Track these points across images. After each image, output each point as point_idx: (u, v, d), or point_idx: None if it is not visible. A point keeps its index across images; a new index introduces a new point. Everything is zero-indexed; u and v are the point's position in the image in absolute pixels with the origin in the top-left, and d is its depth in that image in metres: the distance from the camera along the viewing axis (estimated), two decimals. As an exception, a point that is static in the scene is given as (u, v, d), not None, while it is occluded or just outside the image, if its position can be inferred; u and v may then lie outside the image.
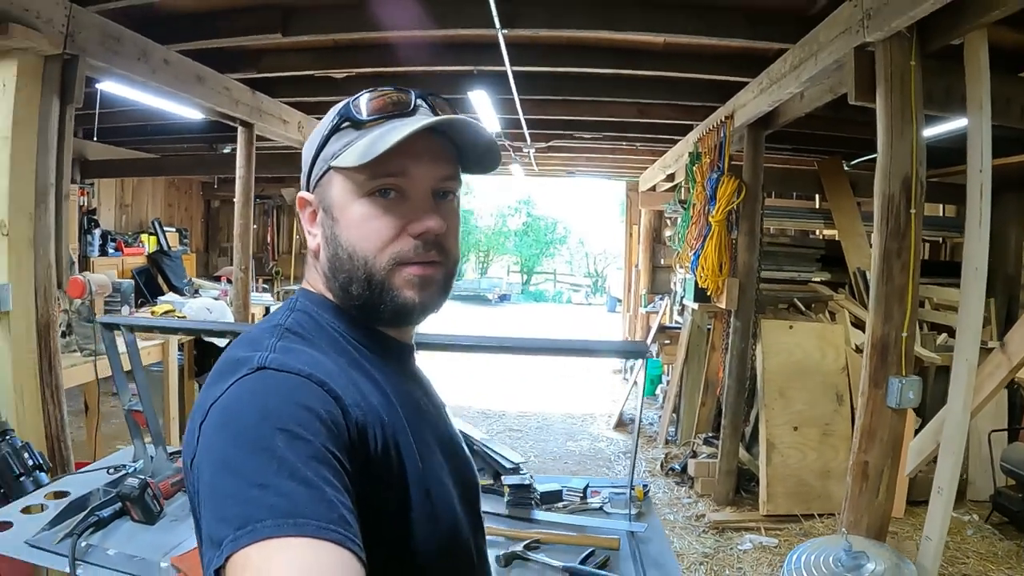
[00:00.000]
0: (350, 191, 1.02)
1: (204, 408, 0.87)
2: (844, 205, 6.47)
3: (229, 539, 0.71)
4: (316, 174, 1.05)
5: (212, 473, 0.79)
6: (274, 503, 0.73)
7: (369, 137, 1.00)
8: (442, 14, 4.06)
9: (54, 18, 3.50)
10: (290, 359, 0.90)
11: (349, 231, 1.02)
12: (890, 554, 2.89)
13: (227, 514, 0.74)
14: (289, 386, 0.86)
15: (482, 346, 2.76)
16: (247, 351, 0.93)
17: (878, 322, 3.12)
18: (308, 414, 0.83)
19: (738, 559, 4.57)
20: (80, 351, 4.91)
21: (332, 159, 1.03)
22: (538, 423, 8.00)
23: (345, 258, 1.02)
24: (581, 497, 2.63)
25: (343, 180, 1.02)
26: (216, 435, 0.82)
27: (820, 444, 5.19)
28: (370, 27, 4.18)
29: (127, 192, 10.58)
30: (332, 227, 1.03)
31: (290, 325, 1.01)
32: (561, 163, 10.87)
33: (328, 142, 1.04)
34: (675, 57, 4.80)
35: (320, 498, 0.75)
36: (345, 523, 0.75)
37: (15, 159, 3.46)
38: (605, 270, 29.26)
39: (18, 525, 2.33)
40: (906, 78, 2.98)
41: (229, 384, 0.87)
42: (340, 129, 1.03)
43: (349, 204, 1.02)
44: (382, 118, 1.02)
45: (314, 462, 0.78)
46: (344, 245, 1.02)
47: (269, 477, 0.75)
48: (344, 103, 1.04)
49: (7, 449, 2.95)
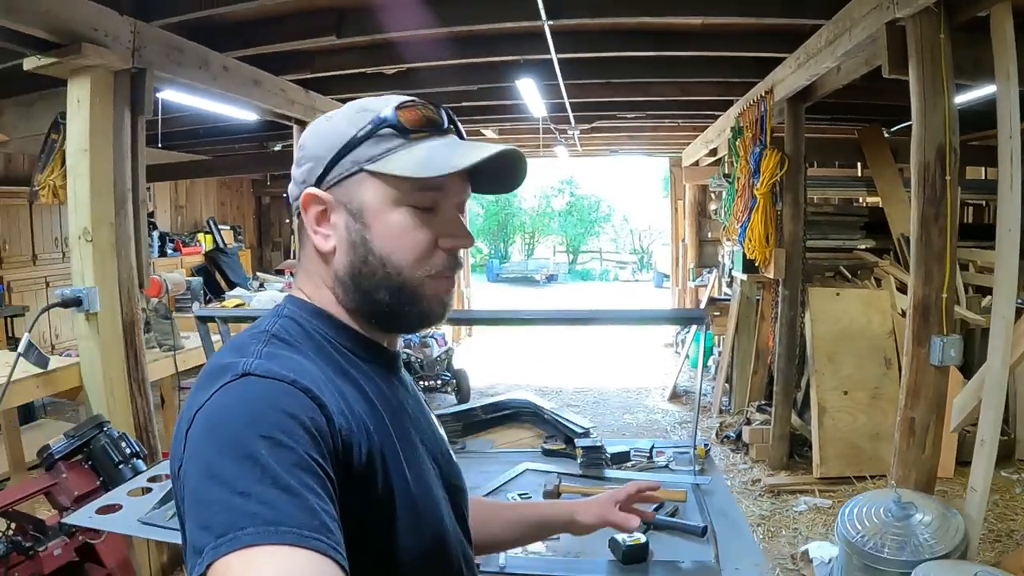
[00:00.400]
0: (389, 198, 1.00)
1: (189, 415, 0.86)
2: (886, 172, 6.53)
3: (210, 547, 0.71)
4: (339, 173, 1.02)
5: (196, 480, 0.78)
6: (256, 511, 0.73)
7: (421, 150, 1.00)
8: (490, 10, 4.25)
9: (120, 35, 3.72)
10: (275, 365, 0.89)
11: (384, 239, 1.01)
12: (937, 505, 3.06)
13: (209, 522, 0.73)
14: (273, 393, 0.86)
15: (544, 319, 2.99)
16: (232, 357, 0.92)
17: (919, 284, 3.28)
18: (292, 421, 0.82)
19: (793, 520, 4.74)
20: (159, 347, 5.14)
21: (368, 162, 1.00)
22: (595, 398, 8.19)
23: (377, 265, 1.01)
24: (647, 457, 2.87)
25: (381, 186, 1.00)
26: (200, 442, 0.82)
27: (869, 407, 5.32)
28: (421, 25, 4.38)
29: (181, 193, 10.97)
30: (361, 232, 1.01)
31: (276, 331, 0.99)
32: (604, 143, 10.99)
33: (362, 144, 1.01)
34: (713, 37, 4.93)
35: (303, 506, 0.75)
36: (327, 531, 0.75)
37: (94, 170, 3.66)
38: (650, 246, 29.23)
39: (127, 507, 2.56)
40: (936, 51, 3.12)
41: (214, 391, 0.86)
42: (379, 133, 1.01)
43: (386, 211, 1.01)
44: (426, 131, 1.02)
45: (297, 470, 0.78)
46: (376, 252, 1.01)
47: (252, 485, 0.75)
48: (376, 108, 1.03)
49: (105, 440, 3.12)
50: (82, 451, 3.10)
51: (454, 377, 7.86)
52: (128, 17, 3.76)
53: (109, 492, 2.81)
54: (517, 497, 2.53)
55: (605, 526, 1.50)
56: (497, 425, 3.51)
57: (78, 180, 3.67)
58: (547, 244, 32.26)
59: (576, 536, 1.55)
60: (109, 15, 3.64)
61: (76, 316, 3.78)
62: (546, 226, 31.63)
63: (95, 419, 3.25)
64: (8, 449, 5.22)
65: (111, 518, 2.53)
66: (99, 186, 3.70)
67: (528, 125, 8.43)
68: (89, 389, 3.85)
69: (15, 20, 3.12)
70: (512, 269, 26.70)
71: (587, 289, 24.43)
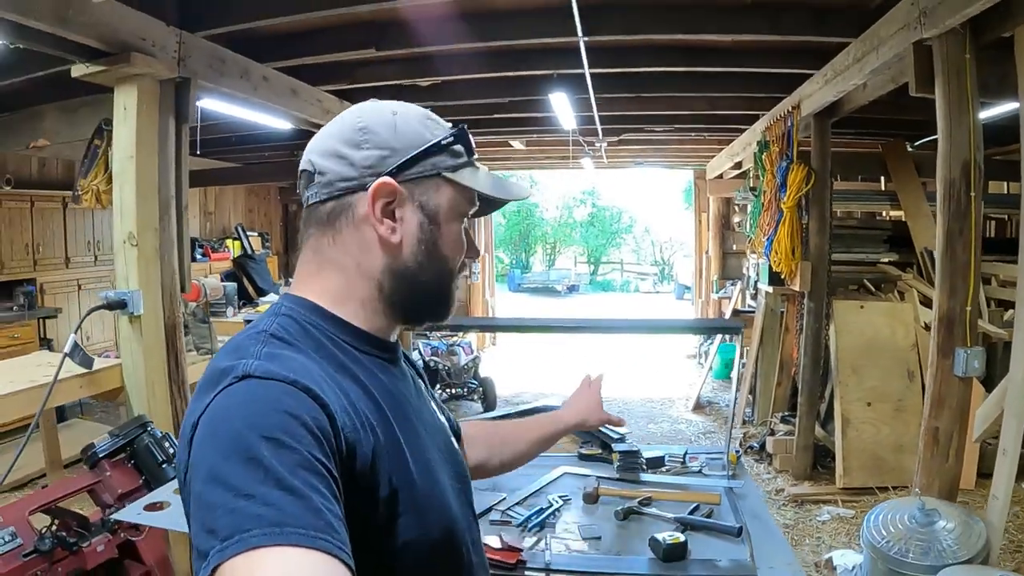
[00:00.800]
0: (455, 207, 1.08)
1: (192, 421, 0.87)
2: (909, 186, 6.59)
3: (216, 550, 0.72)
4: (417, 171, 1.05)
5: (200, 484, 0.79)
6: (261, 513, 0.73)
7: (485, 172, 1.13)
8: (530, 26, 4.37)
9: (167, 45, 3.83)
10: (275, 366, 0.90)
11: (448, 242, 1.08)
12: (960, 512, 3.13)
13: (214, 525, 0.74)
14: (274, 394, 0.86)
15: (580, 327, 3.09)
16: (232, 360, 0.92)
17: (944, 297, 3.36)
18: (294, 422, 0.83)
19: (817, 529, 4.81)
20: (196, 350, 5.22)
21: (448, 170, 1.07)
22: (619, 408, 8.22)
23: (439, 265, 1.08)
24: (681, 462, 2.98)
25: (454, 194, 1.08)
26: (203, 447, 0.82)
27: (893, 419, 5.38)
28: (460, 40, 4.51)
29: (210, 200, 11.11)
30: (432, 232, 1.06)
31: (275, 331, 0.99)
32: (630, 155, 11.05)
33: (442, 152, 1.07)
34: (742, 53, 5.02)
35: (307, 506, 0.75)
36: (332, 530, 0.75)
37: (140, 176, 3.74)
38: (671, 258, 29.23)
39: (175, 504, 2.63)
40: (962, 70, 3.21)
41: (214, 395, 0.87)
42: (453, 147, 1.08)
43: (453, 218, 1.08)
44: (476, 159, 1.13)
45: (301, 470, 0.78)
46: (442, 253, 1.08)
47: (255, 487, 0.75)
48: (438, 120, 1.12)
49: (149, 439, 3.16)
50: (125, 450, 3.14)
51: (480, 385, 7.95)
52: (174, 28, 3.86)
53: (154, 490, 2.88)
54: (559, 500, 2.65)
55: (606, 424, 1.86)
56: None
57: (124, 186, 3.75)
58: (568, 255, 32.27)
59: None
60: (156, 25, 3.74)
61: (120, 318, 3.85)
62: (568, 236, 31.66)
63: (139, 419, 3.30)
64: (46, 447, 5.36)
65: (160, 515, 2.61)
66: (144, 192, 3.78)
67: (555, 136, 8.51)
68: (131, 390, 3.91)
69: (67, 29, 3.20)
70: (533, 279, 26.76)
71: (608, 300, 24.50)
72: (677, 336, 12.20)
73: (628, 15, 4.24)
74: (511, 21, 4.37)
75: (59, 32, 3.20)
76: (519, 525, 2.47)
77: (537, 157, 11.04)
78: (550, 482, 2.87)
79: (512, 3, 4.27)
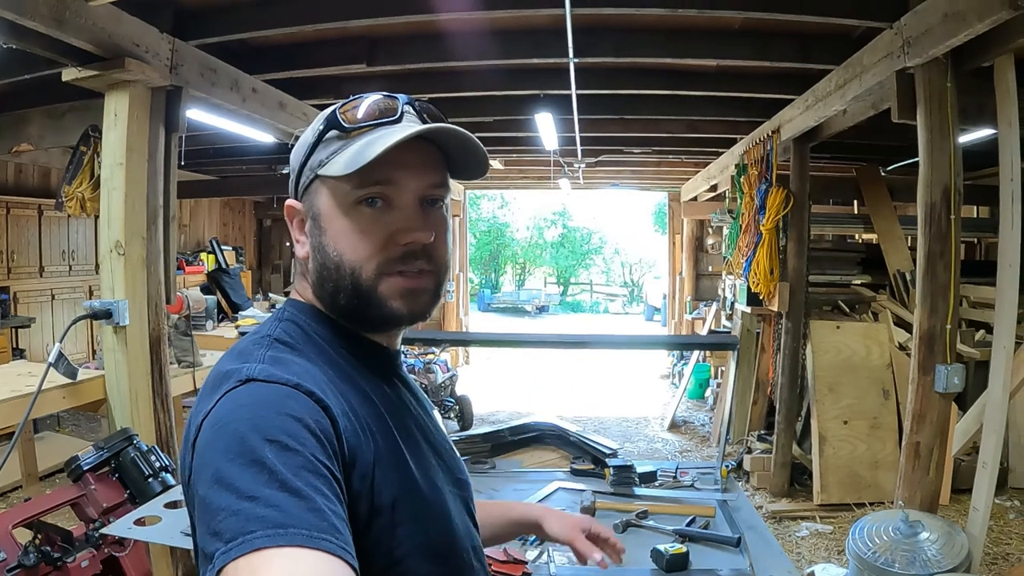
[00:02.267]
0: (337, 200, 1.01)
1: (196, 424, 0.87)
2: (883, 210, 6.74)
3: (220, 551, 0.72)
4: (303, 182, 1.04)
5: (204, 487, 0.79)
6: (264, 514, 0.73)
7: (355, 146, 0.99)
8: (522, 46, 4.43)
9: (160, 52, 3.77)
10: (278, 370, 0.90)
11: (336, 241, 1.01)
12: (942, 524, 3.22)
13: (219, 527, 0.74)
14: (277, 397, 0.86)
15: (573, 343, 3.14)
16: (235, 363, 0.92)
17: (925, 316, 3.47)
18: (297, 424, 0.83)
19: (796, 544, 4.88)
20: (178, 363, 5.20)
21: (319, 168, 1.02)
22: (595, 427, 8.23)
23: (332, 268, 1.02)
24: (673, 476, 3.04)
25: (329, 189, 1.02)
26: (207, 450, 0.82)
27: (869, 436, 5.48)
28: (450, 57, 4.55)
29: (185, 212, 10.98)
30: (319, 236, 1.03)
31: (278, 336, 1.00)
32: (607, 176, 11.16)
33: (315, 150, 1.03)
34: (725, 77, 5.14)
35: (310, 508, 0.75)
36: (336, 531, 0.75)
37: (128, 184, 3.66)
38: (641, 279, 29.47)
39: (166, 519, 2.61)
40: (943, 98, 3.33)
41: (218, 398, 0.87)
42: (326, 137, 1.03)
43: (336, 214, 1.01)
44: (368, 126, 1.01)
45: (304, 472, 0.78)
46: (332, 255, 1.02)
47: (259, 489, 0.75)
48: (331, 110, 1.04)
49: (135, 452, 3.08)
50: (110, 463, 3.08)
51: (457, 403, 7.94)
52: (167, 35, 3.82)
53: (144, 504, 2.84)
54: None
55: (567, 546, 1.49)
56: (524, 446, 3.67)
57: (112, 194, 3.68)
58: (538, 275, 32.40)
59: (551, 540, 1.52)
60: (151, 32, 3.68)
61: (104, 329, 3.78)
62: (538, 257, 31.80)
63: (124, 432, 3.23)
64: (23, 460, 5.27)
65: (153, 530, 2.58)
66: (133, 200, 3.72)
67: (534, 156, 8.59)
68: (114, 402, 3.83)
69: (64, 32, 3.14)
70: (503, 299, 26.80)
71: (578, 321, 24.60)
72: (651, 356, 12.30)
73: (620, 38, 4.33)
74: (502, 41, 4.42)
75: (55, 34, 3.14)
76: (521, 539, 2.50)
77: (514, 176, 11.09)
78: (545, 497, 2.92)
79: (504, 23, 4.32)
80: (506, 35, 4.41)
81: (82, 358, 7.11)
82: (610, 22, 4.31)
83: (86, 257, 8.28)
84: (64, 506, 3.02)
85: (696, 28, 4.28)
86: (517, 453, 3.62)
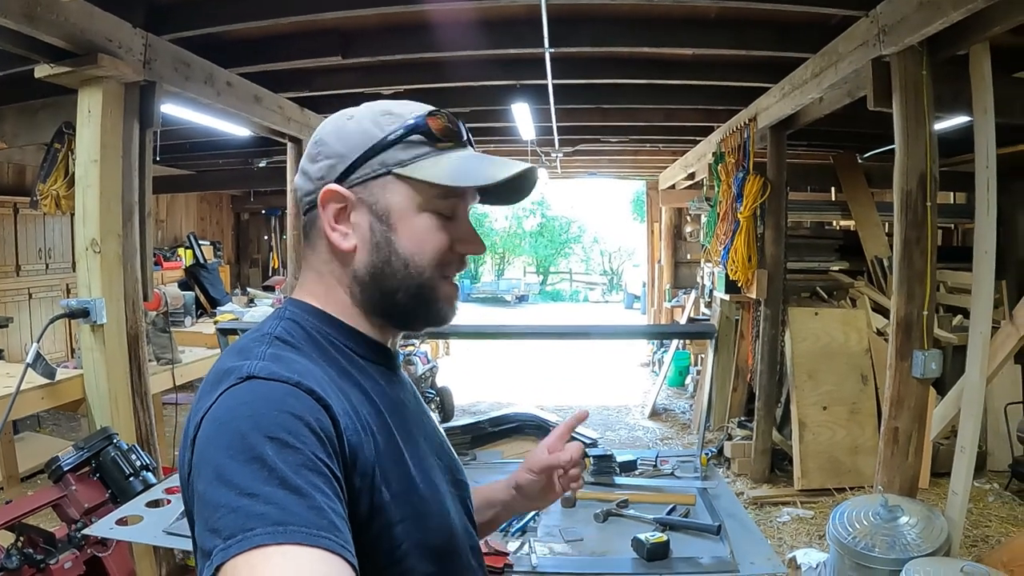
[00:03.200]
0: (415, 203, 1.03)
1: (196, 421, 0.87)
2: (860, 197, 6.80)
3: (219, 548, 0.72)
4: (365, 173, 1.03)
5: (204, 484, 0.79)
6: (264, 512, 0.73)
7: (451, 160, 1.03)
8: (498, 37, 4.41)
9: (134, 47, 3.74)
10: (279, 367, 0.90)
11: (409, 241, 1.03)
12: (921, 508, 3.26)
13: (218, 524, 0.74)
14: (278, 394, 0.86)
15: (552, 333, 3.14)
16: (236, 361, 0.92)
17: (902, 302, 3.50)
18: (297, 422, 0.83)
19: (778, 530, 4.93)
20: (157, 360, 5.12)
21: (398, 166, 1.02)
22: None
23: (400, 267, 1.03)
24: (653, 465, 3.05)
25: (409, 190, 1.02)
26: (207, 447, 0.82)
27: (848, 422, 5.54)
28: (426, 48, 4.54)
29: (162, 207, 10.88)
30: (386, 233, 1.03)
31: (279, 334, 1.00)
32: (584, 165, 11.18)
33: (392, 147, 1.02)
34: (702, 66, 5.13)
35: (310, 505, 0.75)
36: (335, 529, 0.75)
37: (104, 181, 3.64)
38: (620, 267, 29.54)
39: (148, 518, 2.61)
40: (919, 86, 3.35)
41: (218, 395, 0.87)
42: (408, 139, 1.03)
43: (412, 214, 1.03)
44: (451, 142, 1.05)
45: (304, 470, 0.78)
46: (401, 254, 1.03)
47: (259, 486, 0.75)
48: (402, 113, 1.05)
49: (115, 452, 3.12)
50: (90, 463, 3.10)
51: (438, 395, 7.93)
52: (140, 30, 3.79)
53: (125, 504, 2.83)
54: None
55: (551, 471, 1.36)
56: (504, 437, 3.67)
57: (87, 191, 3.66)
58: (517, 265, 32.39)
59: (529, 497, 1.41)
60: (123, 27, 3.66)
61: (82, 327, 3.74)
62: (517, 247, 31.75)
63: (104, 431, 3.25)
64: (3, 461, 5.23)
65: (135, 529, 2.57)
66: (108, 197, 3.70)
67: (511, 147, 8.57)
68: (92, 401, 3.79)
69: (36, 28, 3.10)
70: (483, 289, 26.79)
71: (559, 310, 24.66)
72: (631, 344, 12.34)
73: (597, 28, 4.31)
74: (479, 31, 4.39)
75: (27, 30, 3.09)
76: (502, 530, 2.51)
77: (492, 166, 10.99)
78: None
79: (480, 14, 4.29)
80: (482, 25, 4.38)
81: (61, 357, 7.04)
82: (587, 12, 4.29)
83: (63, 255, 8.18)
84: (45, 507, 3.03)
85: (672, 17, 4.26)
86: (498, 444, 3.62)
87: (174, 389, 5.09)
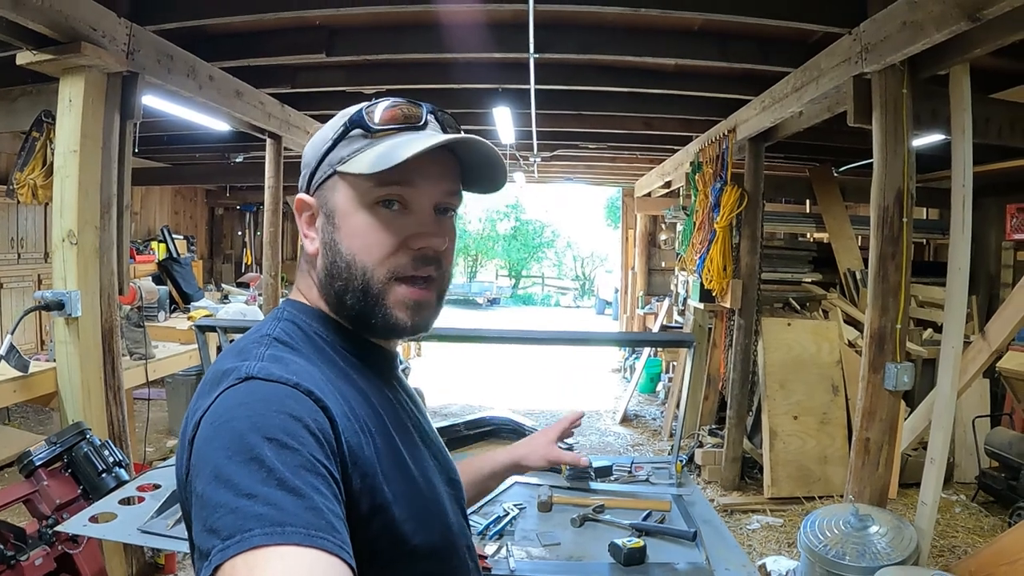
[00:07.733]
0: (355, 198, 1.01)
1: (194, 420, 0.87)
2: (835, 210, 6.89)
3: (217, 549, 0.72)
4: (319, 177, 1.04)
5: (202, 485, 0.78)
6: (262, 512, 0.73)
7: (382, 146, 1.00)
8: (484, 40, 4.42)
9: (117, 37, 3.70)
10: (277, 368, 0.90)
11: (351, 239, 1.02)
12: (891, 517, 3.32)
13: (216, 525, 0.74)
14: (277, 395, 0.86)
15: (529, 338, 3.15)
16: (235, 361, 0.92)
17: (875, 315, 3.57)
18: (296, 423, 0.82)
19: (748, 537, 4.97)
20: (130, 355, 5.07)
21: (339, 164, 1.02)
22: (547, 420, 8.23)
23: (343, 266, 1.02)
24: (628, 471, 3.07)
25: (348, 187, 1.02)
26: (205, 447, 0.82)
27: (818, 432, 5.61)
28: (411, 49, 4.55)
29: (136, 200, 10.72)
30: (332, 233, 1.03)
31: (278, 335, 1.00)
32: (562, 170, 11.21)
33: (336, 146, 1.03)
34: (684, 76, 5.20)
35: (308, 506, 0.75)
36: (333, 530, 0.75)
37: (82, 172, 3.59)
38: (593, 273, 29.61)
39: (122, 516, 2.56)
40: (899, 104, 3.42)
41: (217, 395, 0.87)
42: (349, 135, 1.03)
43: (352, 212, 1.02)
44: (394, 129, 1.02)
45: (302, 471, 0.78)
46: (344, 253, 1.02)
47: (257, 487, 0.75)
48: (356, 109, 1.04)
49: (88, 448, 3.09)
50: (62, 458, 3.07)
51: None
52: (125, 20, 3.76)
53: (99, 501, 2.79)
54: (514, 508, 2.70)
55: (555, 465, 1.58)
56: (479, 441, 3.69)
57: (65, 182, 3.61)
58: (490, 268, 32.33)
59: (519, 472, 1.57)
60: (108, 16, 3.62)
61: (56, 320, 3.69)
62: (489, 249, 31.70)
63: (76, 426, 3.23)
64: (-27, 455, 5.14)
65: (109, 527, 2.53)
66: (86, 188, 3.65)
67: (490, 151, 8.57)
68: (65, 395, 3.74)
69: (20, 14, 3.06)
70: (454, 291, 26.54)
71: (531, 314, 24.64)
72: (603, 350, 12.40)
73: (583, 35, 4.35)
74: (464, 34, 4.40)
75: (10, 15, 3.05)
76: (480, 533, 2.51)
77: (469, 169, 11.01)
78: (501, 491, 2.92)
79: (466, 17, 4.29)
80: (469, 28, 4.39)
81: (31, 349, 6.93)
82: (573, 19, 4.32)
83: (35, 245, 8.02)
84: (16, 503, 2.99)
85: (657, 27, 4.32)
86: (472, 447, 3.64)
87: (146, 384, 5.04)
